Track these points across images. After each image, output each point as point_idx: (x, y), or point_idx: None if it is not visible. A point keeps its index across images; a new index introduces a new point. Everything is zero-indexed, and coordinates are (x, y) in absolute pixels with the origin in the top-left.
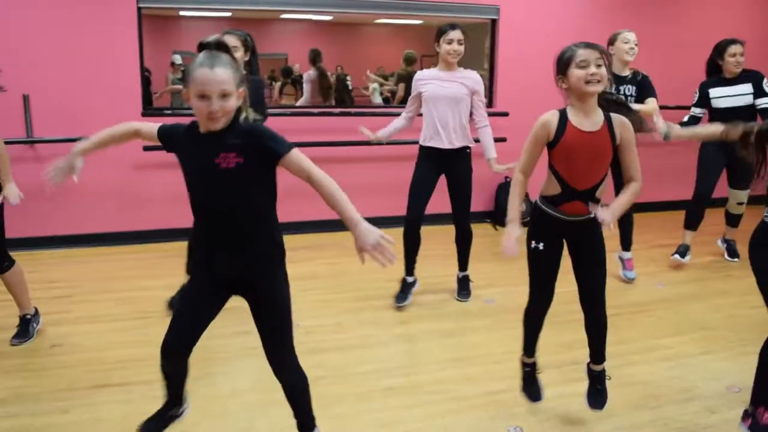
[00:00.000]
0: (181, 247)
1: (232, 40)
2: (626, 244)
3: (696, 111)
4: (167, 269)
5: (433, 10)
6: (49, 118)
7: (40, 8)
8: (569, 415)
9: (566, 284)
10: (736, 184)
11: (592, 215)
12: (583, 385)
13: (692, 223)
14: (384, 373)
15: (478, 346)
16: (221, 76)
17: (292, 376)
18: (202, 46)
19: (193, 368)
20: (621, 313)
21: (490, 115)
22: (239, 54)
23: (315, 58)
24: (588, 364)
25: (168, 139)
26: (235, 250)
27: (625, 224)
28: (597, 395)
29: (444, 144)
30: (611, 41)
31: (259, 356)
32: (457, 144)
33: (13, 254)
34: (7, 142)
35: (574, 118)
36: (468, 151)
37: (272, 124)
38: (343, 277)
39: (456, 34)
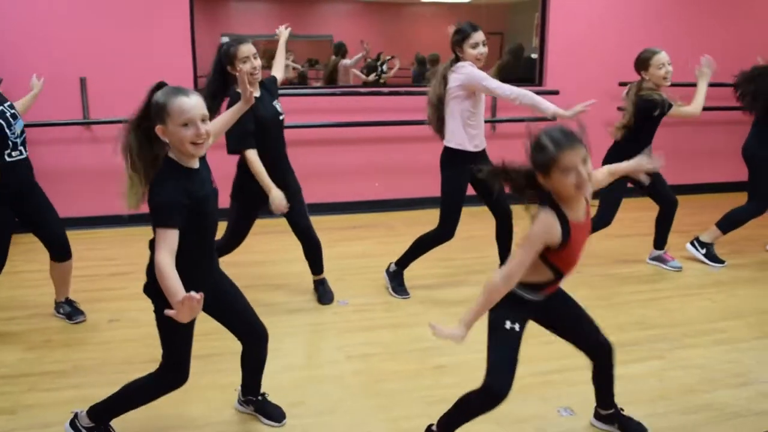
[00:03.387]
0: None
1: (253, 49)
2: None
3: None
4: None
5: None
6: (106, 99)
7: None
8: (620, 398)
9: (617, 266)
10: None
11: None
12: (638, 366)
13: (732, 228)
14: (435, 351)
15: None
16: (198, 101)
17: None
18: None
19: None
20: (672, 296)
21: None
22: (258, 62)
23: (338, 51)
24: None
25: (182, 208)
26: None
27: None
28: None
29: (480, 146)
30: (643, 65)
31: (309, 333)
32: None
33: (75, 232)
34: (64, 124)
35: (569, 212)
36: None
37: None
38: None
39: (480, 36)
